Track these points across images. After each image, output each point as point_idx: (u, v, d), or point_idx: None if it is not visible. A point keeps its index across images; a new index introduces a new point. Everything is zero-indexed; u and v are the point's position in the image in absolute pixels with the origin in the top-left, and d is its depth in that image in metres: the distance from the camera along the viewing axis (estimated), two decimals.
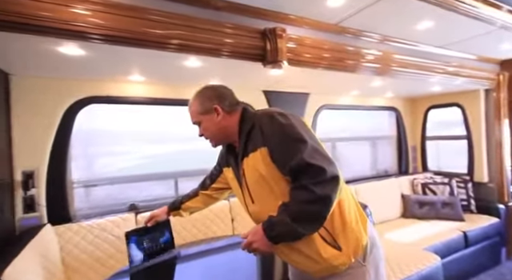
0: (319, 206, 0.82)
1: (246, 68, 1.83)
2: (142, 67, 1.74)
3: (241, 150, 0.98)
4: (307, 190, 0.81)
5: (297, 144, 0.85)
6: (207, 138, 1.09)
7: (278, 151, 0.88)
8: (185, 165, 2.49)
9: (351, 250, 0.90)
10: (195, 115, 1.07)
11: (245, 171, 0.97)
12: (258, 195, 0.95)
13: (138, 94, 2.08)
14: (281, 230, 0.84)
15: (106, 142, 2.25)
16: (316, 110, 2.82)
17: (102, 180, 2.15)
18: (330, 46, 1.81)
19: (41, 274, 1.43)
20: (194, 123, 1.10)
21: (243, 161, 0.97)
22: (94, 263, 1.78)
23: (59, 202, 1.85)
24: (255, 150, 0.92)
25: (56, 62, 1.52)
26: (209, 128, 1.05)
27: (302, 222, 0.82)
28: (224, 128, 1.03)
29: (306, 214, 0.83)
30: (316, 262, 0.90)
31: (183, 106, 2.23)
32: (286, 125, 0.88)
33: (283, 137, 0.87)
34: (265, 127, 0.91)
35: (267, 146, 0.89)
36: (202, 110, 1.04)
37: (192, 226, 2.10)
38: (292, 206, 0.84)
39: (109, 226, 1.86)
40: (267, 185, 0.92)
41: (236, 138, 1.02)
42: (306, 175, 0.82)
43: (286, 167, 0.86)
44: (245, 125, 0.99)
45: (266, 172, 0.90)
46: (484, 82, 2.80)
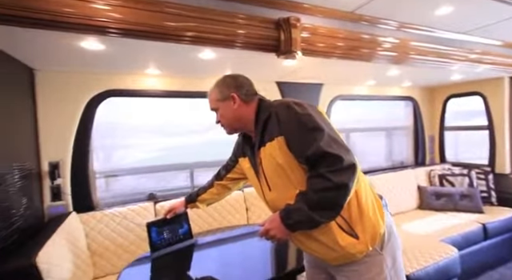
0: (336, 194, 0.83)
1: (259, 59, 1.82)
2: (158, 60, 1.78)
3: (257, 139, 1.00)
4: (324, 178, 0.82)
5: (313, 133, 0.86)
6: (223, 124, 1.11)
7: (295, 140, 0.89)
8: (200, 156, 2.54)
9: (368, 239, 0.91)
10: (213, 102, 1.10)
11: (262, 160, 0.99)
12: (275, 183, 0.97)
13: (154, 87, 2.13)
14: (298, 218, 0.86)
15: (123, 134, 2.33)
16: (330, 101, 2.79)
17: (122, 171, 2.23)
18: (344, 34, 1.77)
19: (69, 257, 1.52)
20: (212, 109, 1.12)
21: (260, 150, 0.99)
22: (117, 249, 1.88)
23: (83, 191, 1.95)
24: (272, 139, 0.93)
25: (77, 57, 1.58)
26: (225, 115, 1.07)
27: (318, 210, 0.84)
28: (240, 116, 1.05)
29: (323, 202, 0.84)
30: (333, 249, 0.92)
31: (198, 99, 2.33)
32: (303, 114, 0.89)
33: (300, 126, 0.88)
34: (281, 116, 0.92)
35: (284, 134, 0.91)
36: (220, 96, 1.07)
37: (208, 215, 2.16)
38: (309, 195, 0.85)
39: (130, 214, 1.95)
40: (284, 173, 0.93)
41: (252, 127, 1.04)
42: (322, 163, 0.83)
43: (302, 156, 0.87)
44: (261, 114, 1.00)
45: (282, 161, 0.92)
46: (509, 68, 2.66)
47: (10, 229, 1.34)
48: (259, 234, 0.94)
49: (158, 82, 2.14)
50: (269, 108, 0.99)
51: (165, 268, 1.44)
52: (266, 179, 0.99)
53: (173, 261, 1.50)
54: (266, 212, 2.34)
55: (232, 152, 1.37)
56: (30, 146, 1.70)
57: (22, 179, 1.51)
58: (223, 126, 1.12)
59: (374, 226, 0.92)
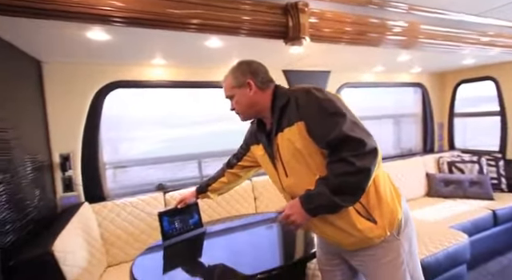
0: (359, 178, 0.83)
1: (265, 47, 1.79)
2: (164, 50, 1.76)
3: (274, 125, 0.99)
4: (347, 162, 0.82)
5: (335, 117, 0.86)
6: (238, 111, 1.10)
7: (316, 125, 0.89)
8: (205, 147, 2.55)
9: (387, 223, 0.91)
10: (229, 88, 1.08)
11: (279, 146, 0.98)
12: (293, 169, 0.97)
13: (160, 78, 2.11)
14: (319, 202, 0.86)
15: (127, 126, 2.33)
16: (337, 89, 2.75)
17: (130, 161, 2.25)
18: (353, 19, 1.71)
19: (84, 246, 1.56)
20: (227, 97, 1.11)
21: (277, 136, 0.98)
22: (129, 238, 1.92)
23: (94, 182, 1.98)
24: (291, 124, 0.93)
25: (83, 48, 1.57)
26: (240, 102, 1.06)
27: (341, 194, 0.84)
28: (255, 103, 1.04)
29: (346, 186, 0.84)
30: (350, 234, 0.93)
31: (204, 89, 2.31)
32: (324, 99, 0.89)
33: (321, 110, 0.88)
34: (301, 102, 0.92)
35: (304, 119, 0.90)
36: (236, 83, 1.05)
37: (217, 204, 2.18)
38: (331, 179, 0.85)
39: (140, 204, 1.98)
40: (303, 159, 0.93)
41: (267, 114, 1.04)
42: (345, 148, 0.83)
43: (323, 140, 0.87)
44: (278, 101, 0.99)
45: (302, 146, 0.91)
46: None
47: (25, 220, 1.37)
48: (279, 220, 0.94)
49: (164, 73, 2.12)
50: (287, 94, 0.98)
51: (176, 256, 1.46)
52: (283, 165, 0.99)
53: (184, 249, 1.53)
54: (273, 201, 2.36)
55: (243, 140, 1.37)
56: (40, 139, 1.72)
57: (34, 171, 1.54)
58: (238, 114, 1.11)
59: (392, 211, 0.93)
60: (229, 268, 1.31)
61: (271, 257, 1.44)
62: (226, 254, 1.47)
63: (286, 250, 1.52)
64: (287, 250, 1.53)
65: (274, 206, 2.36)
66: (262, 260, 1.41)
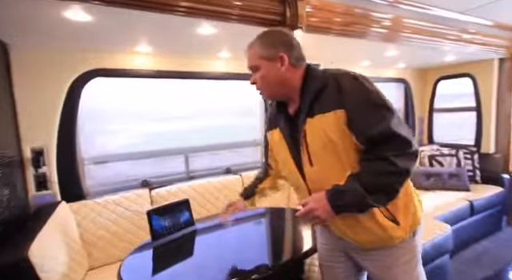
0: (397, 179, 0.79)
1: None
2: (150, 35, 1.63)
3: (304, 108, 0.88)
4: (388, 162, 0.77)
5: (382, 111, 0.80)
6: (259, 88, 0.96)
7: (360, 116, 0.80)
8: (194, 141, 2.44)
9: (408, 226, 0.89)
10: (255, 58, 0.93)
11: (307, 132, 0.88)
12: (321, 159, 0.88)
13: (145, 67, 1.97)
14: (350, 200, 0.80)
15: (111, 118, 2.17)
16: None
17: (112, 156, 2.10)
18: (342, 9, 1.68)
19: (63, 249, 1.43)
20: (251, 68, 0.96)
21: (306, 121, 0.88)
22: (112, 238, 1.79)
23: (71, 179, 1.82)
24: (327, 111, 0.83)
25: (59, 30, 1.40)
26: (267, 77, 0.92)
27: (375, 194, 0.78)
28: (285, 81, 0.91)
29: (383, 185, 0.79)
30: (372, 233, 0.88)
31: (193, 80, 2.20)
32: (372, 90, 0.81)
33: (368, 101, 0.80)
34: (346, 88, 0.82)
35: (346, 108, 0.81)
36: (265, 54, 0.90)
37: (206, 201, 2.10)
38: (366, 177, 0.79)
39: (124, 202, 1.85)
40: (334, 150, 0.85)
41: (295, 95, 0.93)
42: (388, 146, 0.78)
43: (365, 134, 0.80)
44: (312, 83, 0.89)
45: (336, 137, 0.83)
46: (500, 50, 2.70)
47: None
48: (299, 214, 0.85)
49: (149, 61, 1.98)
50: (323, 77, 0.87)
51: (167, 256, 1.38)
52: (308, 153, 0.89)
53: (175, 248, 1.44)
54: (263, 198, 2.31)
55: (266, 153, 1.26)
56: (8, 132, 1.54)
57: (3, 168, 1.37)
58: (260, 90, 0.97)
59: (415, 213, 0.91)
60: (225, 267, 1.26)
61: (268, 254, 1.40)
62: (221, 252, 1.41)
63: (274, 245, 1.48)
64: (275, 245, 1.50)
65: (264, 201, 2.31)
66: (259, 258, 1.37)
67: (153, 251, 1.41)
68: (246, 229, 1.79)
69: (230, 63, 2.28)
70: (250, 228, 1.81)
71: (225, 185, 2.20)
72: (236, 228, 1.81)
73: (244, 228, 1.81)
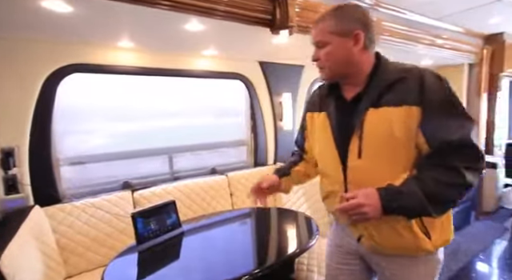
0: (460, 193, 0.75)
1: (245, 36, 1.70)
2: (132, 31, 1.55)
3: (370, 96, 0.82)
4: (458, 173, 0.72)
5: (462, 119, 0.75)
6: (322, 65, 0.87)
7: (439, 119, 0.75)
8: (177, 141, 2.37)
9: (439, 243, 0.85)
10: (324, 33, 0.83)
11: (365, 122, 0.81)
12: (373, 153, 0.81)
13: (127, 63, 1.88)
14: (406, 204, 0.74)
15: (89, 116, 2.05)
16: (311, 83, 2.78)
17: (91, 157, 1.98)
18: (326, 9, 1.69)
19: (38, 256, 1.33)
20: (316, 43, 0.86)
21: (368, 110, 0.81)
22: (92, 243, 1.69)
23: (45, 181, 1.69)
24: (398, 105, 0.77)
25: (36, 21, 1.30)
26: (334, 54, 0.83)
27: (435, 203, 0.73)
28: (354, 62, 0.83)
29: (444, 196, 0.74)
30: (401, 239, 0.83)
31: (175, 77, 2.13)
32: (455, 95, 0.77)
33: (452, 106, 0.76)
34: (430, 86, 0.76)
35: (424, 107, 0.75)
36: (338, 29, 0.81)
37: (192, 202, 2.05)
38: (431, 184, 0.73)
39: (105, 204, 1.75)
40: (392, 147, 0.79)
41: (358, 79, 0.85)
42: (462, 156, 0.73)
43: (441, 138, 0.74)
44: (387, 71, 0.82)
45: (401, 133, 0.77)
46: (470, 55, 2.89)
47: None
48: (343, 207, 0.76)
49: (132, 58, 1.89)
50: (404, 69, 0.82)
51: (153, 260, 1.33)
52: (359, 144, 0.82)
53: (162, 252, 1.39)
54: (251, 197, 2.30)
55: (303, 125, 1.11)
56: None
57: None
58: (322, 69, 0.88)
59: (448, 232, 0.87)
60: (213, 268, 1.23)
61: (256, 254, 1.39)
62: (208, 253, 1.39)
63: (259, 245, 1.48)
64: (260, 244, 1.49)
65: (251, 201, 2.30)
66: (247, 258, 1.36)
67: (138, 255, 1.35)
68: (234, 229, 1.78)
69: (216, 61, 2.25)
70: (237, 228, 1.80)
71: (211, 185, 2.16)
72: (223, 228, 1.79)
73: (231, 228, 1.79)
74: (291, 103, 2.63)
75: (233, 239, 1.58)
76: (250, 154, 2.61)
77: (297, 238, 1.56)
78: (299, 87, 2.69)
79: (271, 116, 2.57)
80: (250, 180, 2.36)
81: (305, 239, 1.47)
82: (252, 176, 2.38)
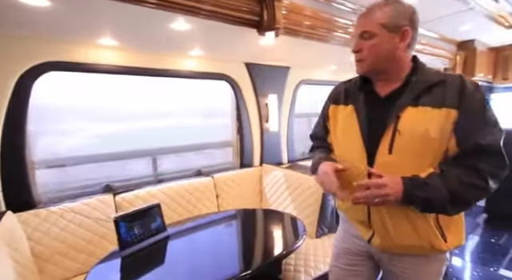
0: (479, 196, 0.78)
1: (232, 36, 1.69)
2: (115, 28, 1.50)
3: (408, 95, 0.83)
4: (481, 176, 0.76)
5: (494, 128, 0.79)
6: (364, 57, 0.86)
7: (474, 123, 0.78)
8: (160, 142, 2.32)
9: (453, 244, 0.88)
10: (373, 24, 0.82)
11: (401, 120, 0.82)
12: (405, 150, 0.82)
13: (110, 62, 1.81)
14: (429, 195, 0.76)
15: (66, 116, 1.96)
16: (296, 84, 2.81)
17: (69, 159, 1.89)
18: (310, 12, 1.73)
19: (10, 265, 1.24)
20: (362, 33, 0.85)
21: (405, 108, 0.83)
22: (70, 250, 1.61)
23: (19, 185, 1.59)
24: (437, 106, 0.79)
25: (10, 15, 1.22)
26: (380, 48, 0.83)
27: (454, 201, 0.76)
28: (396, 58, 0.84)
29: (465, 196, 0.77)
30: (421, 239, 0.85)
31: (159, 77, 2.07)
32: (490, 105, 0.82)
33: (486, 113, 0.79)
34: (469, 92, 0.79)
35: (461, 110, 0.78)
36: (388, 23, 0.81)
37: (177, 204, 2.00)
38: (455, 182, 0.76)
39: (84, 209, 1.67)
40: (426, 146, 0.80)
41: (396, 76, 0.87)
42: (489, 161, 0.77)
43: (473, 140, 0.77)
44: (427, 73, 0.85)
45: (437, 134, 0.79)
46: (445, 60, 3.04)
47: None
48: (369, 183, 0.79)
49: (115, 56, 1.82)
50: (442, 73, 0.85)
51: (137, 266, 1.28)
52: (392, 141, 0.83)
53: (146, 257, 1.35)
54: (235, 198, 2.29)
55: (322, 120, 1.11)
56: None
57: None
58: (361, 61, 0.87)
59: (461, 233, 0.90)
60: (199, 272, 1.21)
61: (243, 256, 1.38)
62: (194, 256, 1.36)
63: (245, 247, 1.48)
64: (246, 246, 1.49)
65: (237, 202, 2.29)
66: (234, 260, 1.35)
67: (121, 261, 1.30)
68: (220, 231, 1.76)
69: (202, 62, 2.22)
70: (223, 230, 1.78)
71: (196, 187, 2.13)
72: (209, 231, 1.77)
73: (217, 230, 1.77)
74: (277, 104, 2.64)
75: (219, 241, 1.56)
76: (236, 156, 2.60)
77: (283, 238, 1.57)
78: (285, 89, 2.72)
79: (257, 117, 2.57)
80: (236, 181, 2.35)
81: (291, 240, 1.48)
82: (238, 177, 2.37)
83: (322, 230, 1.95)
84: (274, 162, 2.66)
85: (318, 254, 1.73)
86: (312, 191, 1.97)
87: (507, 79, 3.49)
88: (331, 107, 1.04)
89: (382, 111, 0.86)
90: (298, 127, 2.98)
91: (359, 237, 1.00)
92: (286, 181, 2.22)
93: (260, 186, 2.47)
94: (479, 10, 2.23)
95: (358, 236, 1.01)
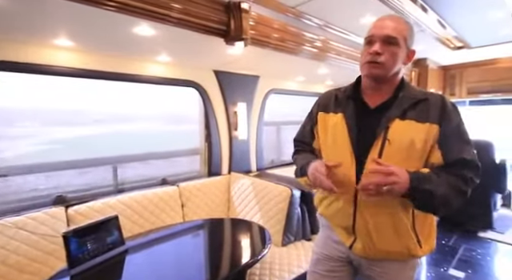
0: (459, 200, 0.87)
1: (199, 44, 1.67)
2: (70, 29, 1.40)
3: (397, 108, 0.91)
4: (465, 183, 0.86)
5: (470, 145, 0.90)
6: (381, 61, 0.89)
7: (455, 139, 0.89)
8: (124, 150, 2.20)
9: (428, 248, 0.96)
10: (401, 34, 0.90)
11: (390, 131, 0.89)
12: (393, 160, 0.86)
13: (66, 64, 1.69)
14: (433, 189, 0.82)
15: (14, 120, 1.78)
16: (265, 93, 2.85)
17: (14, 168, 1.70)
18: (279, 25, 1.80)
19: None
20: (387, 38, 0.89)
21: (393, 120, 0.90)
22: (10, 270, 1.43)
23: None
24: (422, 121, 0.88)
25: None
26: (397, 57, 0.90)
27: (444, 202, 0.84)
28: (397, 73, 0.94)
29: (451, 198, 0.85)
30: (400, 243, 0.92)
31: (123, 82, 1.98)
32: (465, 125, 0.92)
33: (463, 130, 0.91)
34: (450, 110, 0.90)
35: (443, 126, 0.88)
36: (408, 39, 0.92)
37: (139, 216, 1.89)
38: (445, 185, 0.84)
39: (29, 223, 1.51)
40: (411, 157, 0.88)
41: (387, 88, 0.95)
42: (471, 172, 0.87)
43: (457, 155, 0.87)
44: (413, 91, 0.94)
45: (421, 146, 0.88)
46: (403, 75, 3.30)
47: None
48: (378, 169, 0.82)
49: (72, 59, 1.70)
50: (425, 92, 0.95)
51: None
52: (381, 150, 0.89)
53: (100, 273, 1.25)
54: (201, 207, 2.23)
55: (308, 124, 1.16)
56: None
57: None
58: (378, 63, 0.90)
59: (433, 242, 0.98)
60: None
61: (208, 268, 1.34)
62: (156, 270, 1.29)
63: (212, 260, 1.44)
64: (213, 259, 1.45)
65: (204, 212, 2.24)
66: (198, 273, 1.31)
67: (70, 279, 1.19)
68: (185, 242, 1.69)
69: (170, 68, 2.16)
70: (189, 241, 1.72)
71: (160, 197, 2.03)
72: (174, 242, 1.69)
73: (183, 241, 1.70)
74: (246, 113, 2.65)
75: (184, 253, 1.51)
76: (204, 164, 2.55)
77: (250, 248, 1.55)
78: (254, 97, 2.74)
79: (226, 125, 2.55)
80: (203, 190, 2.30)
81: (257, 249, 1.47)
82: (205, 186, 2.32)
83: (288, 238, 1.96)
84: (242, 170, 2.65)
85: (283, 263, 1.73)
86: (278, 200, 1.99)
87: (454, 95, 3.87)
88: (320, 114, 1.08)
89: (371, 121, 0.93)
90: (267, 136, 3.01)
91: (341, 243, 1.04)
92: (253, 189, 2.21)
93: (228, 194, 2.44)
94: (429, 33, 2.46)
95: (339, 242, 1.04)
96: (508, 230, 3.10)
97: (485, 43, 2.89)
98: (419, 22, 2.20)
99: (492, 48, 3.00)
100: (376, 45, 0.89)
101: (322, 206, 1.08)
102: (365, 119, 0.95)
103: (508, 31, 2.53)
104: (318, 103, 1.13)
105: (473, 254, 2.65)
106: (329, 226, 1.09)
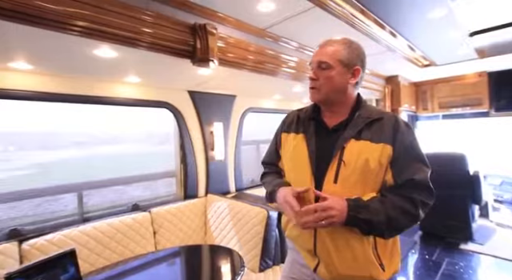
0: (410, 223, 0.86)
1: (169, 64, 1.65)
2: (30, 52, 1.34)
3: (352, 128, 0.91)
4: (414, 205, 0.85)
5: (423, 164, 0.90)
6: (319, 86, 0.92)
7: (406, 159, 0.88)
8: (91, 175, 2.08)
9: (391, 272, 0.93)
10: (332, 57, 0.90)
11: (346, 151, 0.89)
12: (348, 180, 0.88)
13: (25, 87, 1.60)
14: (369, 218, 0.82)
15: None
16: (243, 112, 2.83)
17: None
18: (255, 48, 1.83)
19: None
20: (319, 63, 0.92)
21: (349, 140, 0.90)
22: None
23: None
24: (376, 141, 0.88)
25: None
26: (333, 80, 0.90)
27: (390, 225, 0.84)
28: (345, 93, 0.93)
29: (399, 221, 0.85)
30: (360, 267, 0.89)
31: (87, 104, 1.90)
32: (418, 141, 0.92)
33: (416, 151, 0.90)
34: (403, 131, 0.89)
35: (395, 147, 0.87)
36: (345, 59, 0.90)
37: (104, 247, 1.75)
38: (392, 208, 0.84)
39: None
40: (366, 177, 0.88)
41: (343, 109, 0.95)
42: (420, 192, 0.86)
43: (406, 176, 0.87)
44: (368, 110, 0.93)
45: (375, 166, 0.87)
46: (376, 92, 3.40)
47: None
48: (317, 206, 0.82)
49: (32, 81, 1.62)
50: (380, 111, 0.94)
51: None
52: (337, 171, 0.89)
53: None
54: (175, 234, 2.11)
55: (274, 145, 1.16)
56: None
57: None
58: (315, 89, 0.93)
59: (397, 261, 0.96)
60: None
61: None
62: None
63: None
64: None
65: (178, 238, 2.11)
66: None
67: None
68: (157, 273, 1.57)
69: (142, 89, 2.11)
70: (162, 271, 1.60)
71: (129, 225, 1.90)
72: (144, 274, 1.57)
73: (153, 273, 1.58)
74: (223, 132, 2.61)
75: None
76: (180, 186, 2.45)
77: (224, 274, 1.46)
78: (231, 116, 2.71)
79: (202, 146, 2.49)
80: (178, 215, 2.19)
81: (231, 275, 1.38)
82: (180, 210, 2.21)
83: (265, 262, 1.87)
84: (221, 191, 2.56)
85: None
86: (255, 222, 1.91)
87: (427, 109, 4.02)
88: (283, 134, 1.09)
89: (329, 142, 0.94)
90: (246, 154, 2.96)
91: (306, 266, 1.01)
92: (230, 211, 2.13)
93: (205, 218, 2.34)
94: (399, 53, 2.57)
95: (305, 265, 1.02)
96: (487, 241, 3.12)
97: (448, 61, 3.05)
98: (389, 45, 2.30)
99: (457, 65, 3.17)
100: (312, 71, 0.94)
101: (288, 228, 1.07)
102: (323, 140, 0.96)
103: (467, 50, 2.70)
104: (282, 123, 1.14)
105: (456, 268, 2.63)
106: (295, 249, 1.08)
